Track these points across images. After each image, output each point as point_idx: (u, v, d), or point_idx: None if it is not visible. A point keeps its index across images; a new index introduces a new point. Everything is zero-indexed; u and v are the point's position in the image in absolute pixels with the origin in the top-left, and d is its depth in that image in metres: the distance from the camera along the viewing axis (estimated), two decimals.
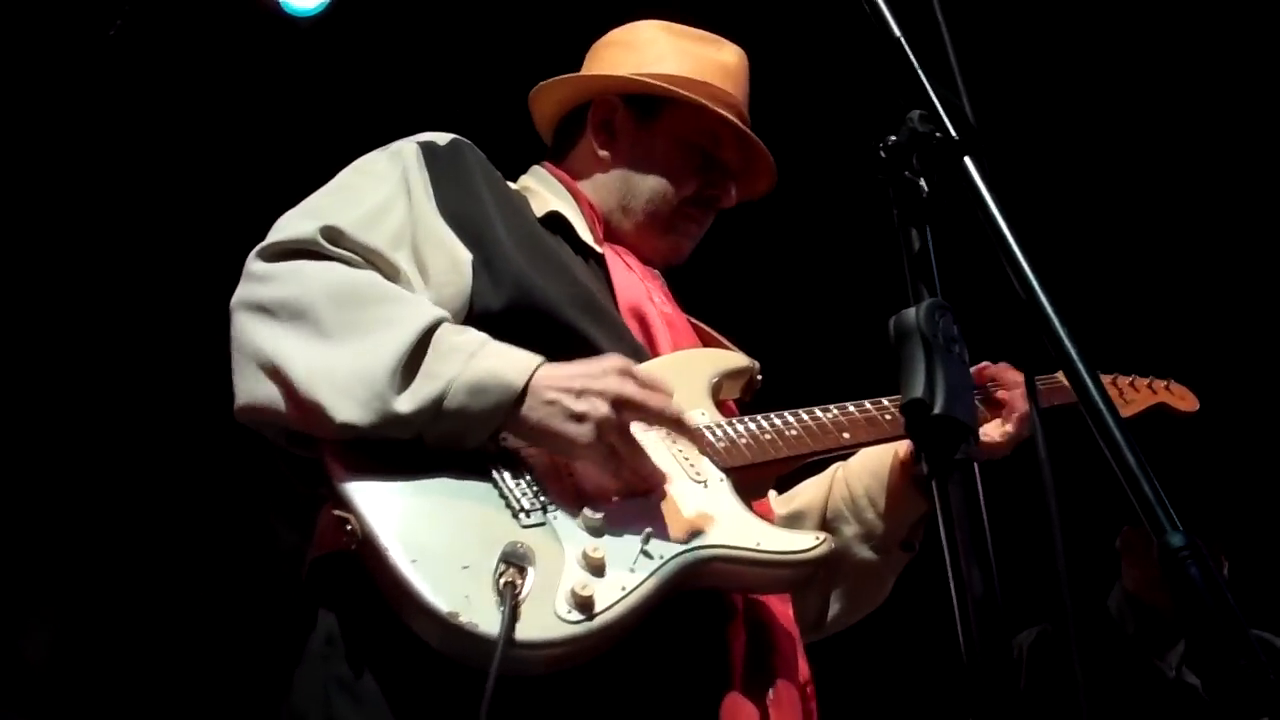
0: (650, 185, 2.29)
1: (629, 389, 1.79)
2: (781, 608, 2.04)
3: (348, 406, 1.74)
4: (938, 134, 1.39)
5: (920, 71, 1.43)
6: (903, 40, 1.45)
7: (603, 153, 2.32)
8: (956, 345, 1.32)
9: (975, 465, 1.29)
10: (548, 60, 2.48)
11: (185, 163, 4.36)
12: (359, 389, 1.75)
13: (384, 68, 4.38)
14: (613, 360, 1.85)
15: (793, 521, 2.30)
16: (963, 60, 1.44)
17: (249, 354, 1.83)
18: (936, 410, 1.27)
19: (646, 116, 2.31)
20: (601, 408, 1.77)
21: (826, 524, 2.28)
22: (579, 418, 1.77)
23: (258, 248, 1.91)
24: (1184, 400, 2.67)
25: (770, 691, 1.92)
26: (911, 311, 1.32)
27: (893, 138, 1.41)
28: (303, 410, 1.77)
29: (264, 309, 1.83)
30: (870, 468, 2.27)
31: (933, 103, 1.40)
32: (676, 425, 1.85)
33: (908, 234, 1.39)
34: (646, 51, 2.35)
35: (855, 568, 2.27)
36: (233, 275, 1.91)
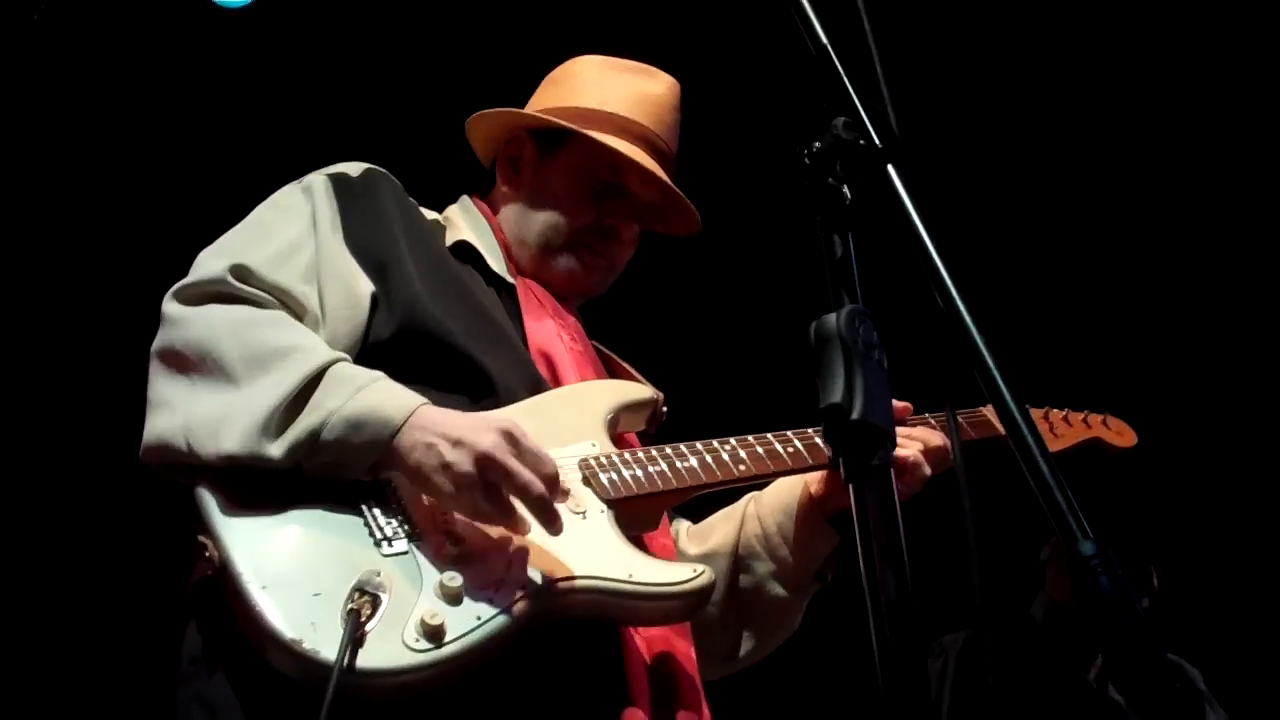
0: (542, 218, 2.30)
1: (499, 452, 1.78)
2: (683, 647, 2.04)
3: (233, 437, 1.78)
4: (861, 141, 1.40)
5: (845, 79, 1.44)
6: (829, 48, 1.46)
7: (506, 188, 2.35)
8: (876, 352, 1.33)
9: (891, 470, 1.30)
10: (474, 61, 2.48)
11: (109, 154, 4.27)
12: (244, 423, 1.79)
13: (312, 62, 4.33)
14: (501, 420, 1.84)
15: (703, 562, 2.20)
16: (888, 69, 1.45)
17: (161, 397, 1.88)
18: (855, 415, 1.27)
19: (548, 151, 2.33)
20: (466, 464, 1.77)
21: (739, 561, 2.26)
22: (446, 467, 1.78)
23: (173, 289, 1.96)
24: (1121, 436, 2.59)
25: None
26: (832, 317, 1.33)
27: (817, 144, 1.42)
28: (192, 445, 1.81)
29: (176, 354, 1.89)
30: (782, 503, 2.25)
31: (857, 110, 1.41)
32: (540, 505, 1.80)
33: (830, 240, 1.40)
34: (565, 87, 2.37)
35: (768, 604, 2.25)
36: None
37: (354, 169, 2.18)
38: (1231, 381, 5.18)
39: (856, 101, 1.42)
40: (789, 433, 2.18)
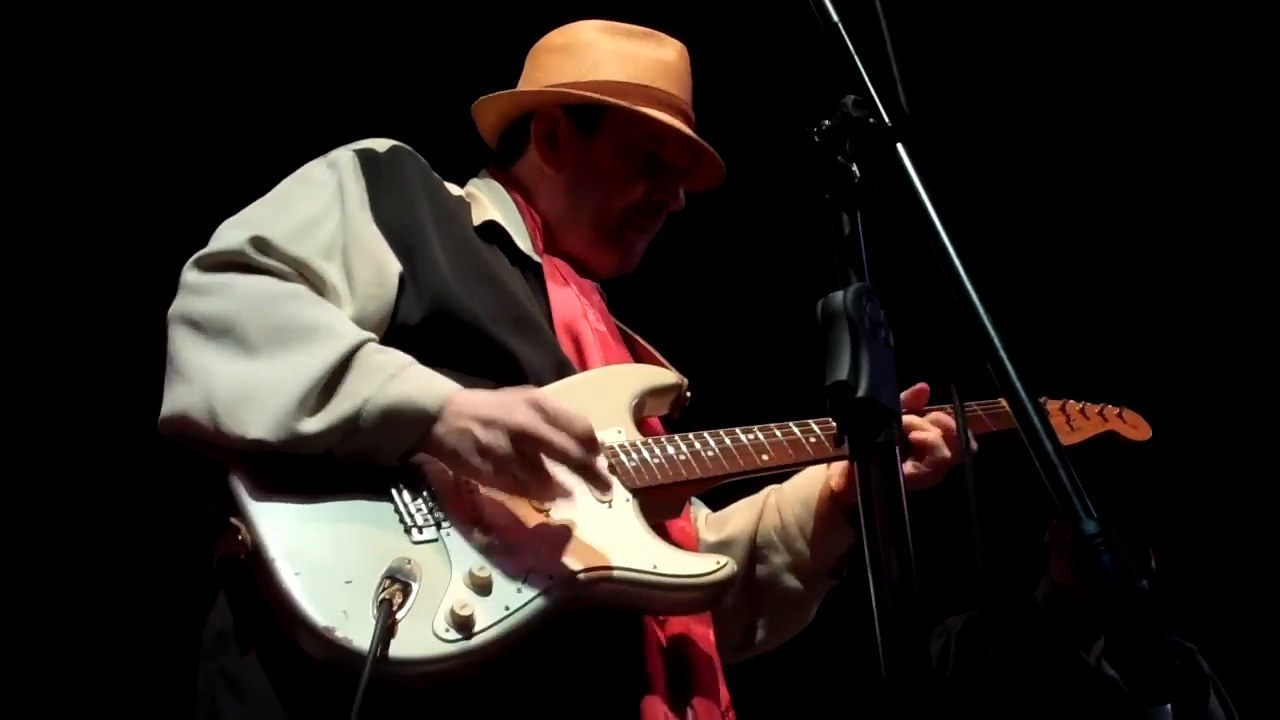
0: (595, 198, 2.29)
1: (531, 425, 1.80)
2: (702, 631, 2.05)
3: (262, 422, 1.78)
4: (871, 119, 1.40)
5: (856, 57, 1.43)
6: (840, 25, 1.45)
7: (548, 168, 2.31)
8: (883, 330, 1.33)
9: (896, 450, 1.30)
10: (494, 41, 2.46)
11: (120, 132, 4.26)
12: (275, 405, 1.79)
13: (324, 37, 4.31)
14: (526, 391, 1.87)
15: (721, 549, 2.27)
16: (898, 47, 1.45)
17: (176, 367, 1.87)
18: (860, 393, 1.27)
19: (588, 127, 2.30)
20: (504, 443, 1.79)
21: (756, 551, 2.28)
22: (484, 451, 1.79)
23: (193, 258, 1.95)
24: (1136, 429, 2.60)
25: (690, 717, 1.94)
26: (839, 295, 1.33)
27: (826, 122, 1.42)
28: (219, 425, 1.80)
29: (194, 323, 1.88)
30: (801, 496, 2.26)
31: (867, 88, 1.41)
32: (580, 465, 1.83)
33: (838, 218, 1.40)
34: (584, 58, 2.33)
35: (782, 596, 2.27)
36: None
37: (380, 145, 2.15)
38: (1234, 369, 5.17)
39: (866, 79, 1.41)
40: (811, 422, 2.19)
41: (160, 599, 3.87)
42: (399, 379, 1.82)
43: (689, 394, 2.24)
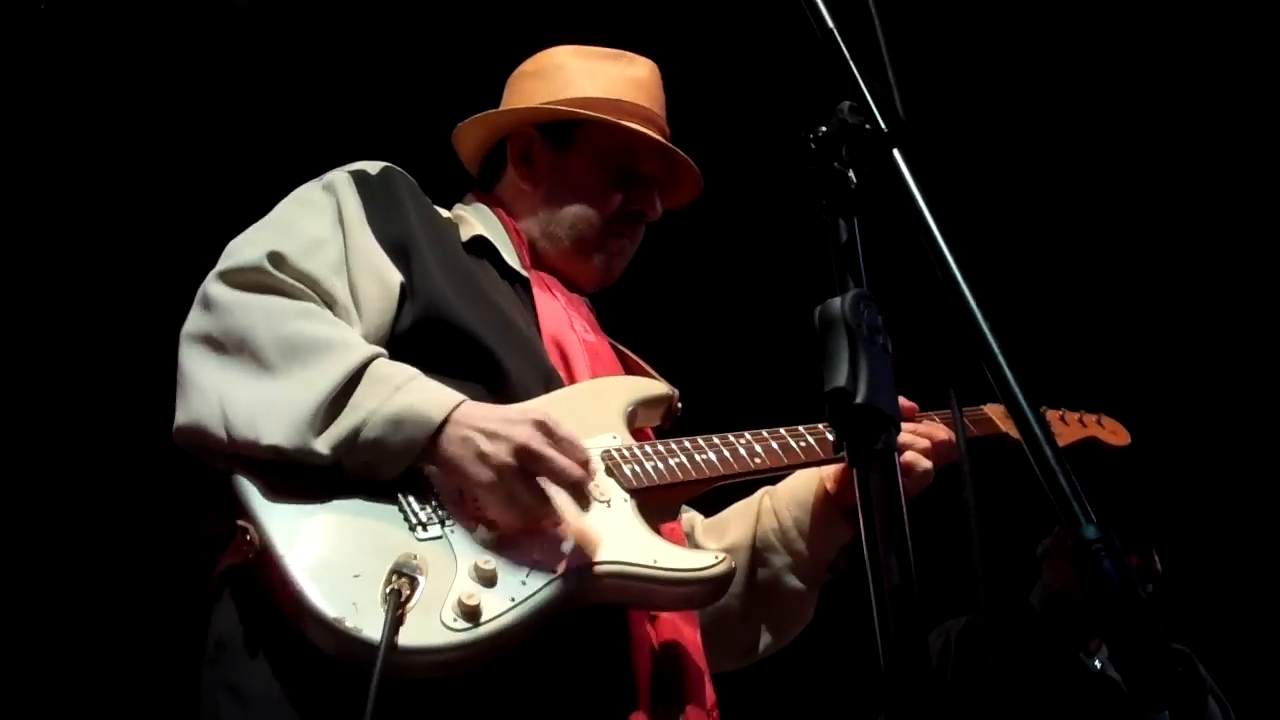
0: (573, 210, 2.32)
1: (536, 441, 1.83)
2: (690, 633, 2.07)
3: (278, 431, 1.81)
4: (867, 125, 1.40)
5: (852, 63, 1.44)
6: (835, 32, 1.45)
7: (525, 185, 2.36)
8: (880, 336, 1.33)
9: (895, 455, 1.30)
10: (479, 66, 2.47)
11: (117, 145, 4.26)
12: (291, 417, 1.82)
13: (325, 50, 4.32)
14: (535, 410, 1.90)
15: None
16: (894, 53, 1.45)
17: (193, 381, 1.90)
18: (859, 399, 1.28)
19: (562, 143, 2.35)
20: (504, 455, 1.82)
21: (757, 554, 2.30)
22: (483, 458, 1.82)
23: (215, 271, 1.99)
24: (1115, 435, 2.65)
25: (678, 718, 1.96)
26: (837, 301, 1.33)
27: (823, 128, 1.42)
28: (232, 433, 1.83)
29: (210, 340, 1.91)
30: (798, 498, 2.28)
31: (863, 94, 1.41)
32: (577, 490, 1.87)
33: (835, 225, 1.40)
34: (556, 78, 2.38)
35: (785, 596, 2.29)
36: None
37: (372, 166, 2.20)
38: (1233, 372, 5.18)
39: (862, 85, 1.42)
40: (800, 427, 2.22)
41: (163, 612, 3.87)
42: (404, 390, 1.85)
43: (680, 405, 2.27)
